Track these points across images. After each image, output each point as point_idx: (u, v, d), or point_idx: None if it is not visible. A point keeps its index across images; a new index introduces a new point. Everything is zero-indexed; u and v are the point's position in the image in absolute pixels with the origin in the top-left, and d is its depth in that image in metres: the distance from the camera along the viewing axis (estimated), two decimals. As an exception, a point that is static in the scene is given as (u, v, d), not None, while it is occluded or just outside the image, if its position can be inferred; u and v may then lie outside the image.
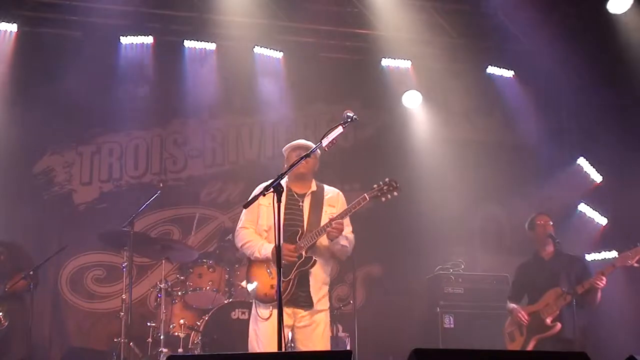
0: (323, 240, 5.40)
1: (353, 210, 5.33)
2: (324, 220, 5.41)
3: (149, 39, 8.74)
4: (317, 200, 5.48)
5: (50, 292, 8.38)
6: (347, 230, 5.49)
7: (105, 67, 8.60)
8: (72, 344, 8.41)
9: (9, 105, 8.28)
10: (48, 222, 8.48)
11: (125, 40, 8.70)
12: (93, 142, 8.87)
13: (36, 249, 7.68)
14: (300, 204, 5.46)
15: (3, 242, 7.22)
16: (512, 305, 7.16)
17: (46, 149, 8.70)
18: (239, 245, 5.65)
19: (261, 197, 5.35)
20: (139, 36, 8.71)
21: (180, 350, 7.08)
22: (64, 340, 8.44)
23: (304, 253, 5.34)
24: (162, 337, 7.05)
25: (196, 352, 7.04)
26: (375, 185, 5.33)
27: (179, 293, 7.40)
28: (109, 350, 7.55)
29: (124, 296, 7.01)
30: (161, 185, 7.41)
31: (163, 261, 7.31)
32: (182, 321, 7.26)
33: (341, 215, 5.32)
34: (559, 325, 6.76)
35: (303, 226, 5.41)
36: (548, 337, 6.81)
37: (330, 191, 5.62)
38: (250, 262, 5.58)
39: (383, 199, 5.30)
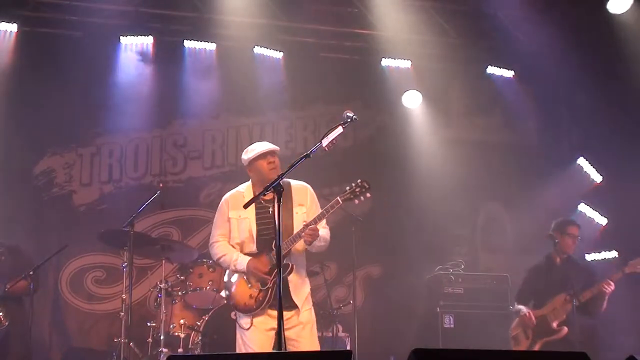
0: (297, 245, 5.37)
1: (327, 215, 5.30)
2: (297, 222, 5.39)
3: (149, 39, 8.74)
4: (286, 203, 5.38)
5: (50, 293, 8.37)
6: (322, 228, 5.41)
7: (105, 67, 8.59)
8: (72, 344, 8.41)
9: (8, 105, 8.26)
10: (48, 223, 8.47)
11: (125, 40, 8.69)
12: (93, 143, 8.85)
13: (36, 250, 7.67)
14: (270, 210, 5.38)
15: (3, 242, 7.21)
16: (520, 307, 7.17)
17: (46, 149, 8.68)
18: (214, 259, 5.67)
19: (230, 210, 5.45)
20: (139, 36, 8.71)
21: (180, 350, 7.08)
22: (64, 340, 8.44)
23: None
24: (162, 337, 7.04)
25: (196, 352, 7.04)
26: (347, 188, 5.31)
27: (179, 293, 7.39)
28: (109, 350, 7.54)
29: (124, 296, 7.00)
30: (161, 185, 7.39)
31: (163, 261, 7.31)
32: (182, 321, 7.25)
33: (314, 220, 5.29)
34: (565, 330, 6.82)
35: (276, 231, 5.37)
36: (555, 340, 6.84)
37: (297, 189, 5.53)
38: (228, 273, 5.56)
39: (356, 201, 5.29)
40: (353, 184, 5.31)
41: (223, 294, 5.66)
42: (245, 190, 5.56)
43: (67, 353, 8.33)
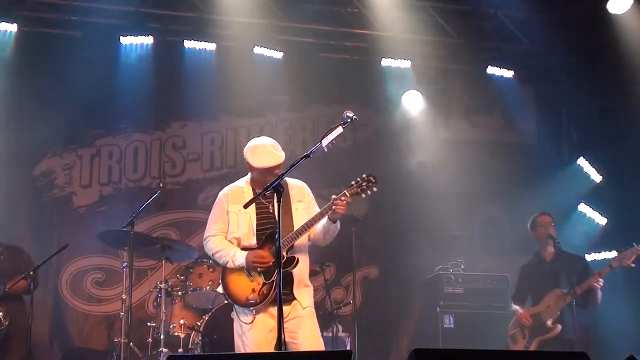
0: (301, 239, 5.31)
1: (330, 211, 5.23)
2: (296, 218, 5.34)
3: (149, 39, 8.72)
4: (285, 199, 5.27)
5: (50, 295, 8.36)
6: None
7: (105, 68, 8.58)
8: (72, 344, 8.41)
9: (8, 106, 8.26)
10: (48, 224, 8.45)
11: (125, 40, 8.68)
12: (93, 144, 8.83)
13: (36, 251, 7.65)
14: (270, 207, 5.34)
15: (3, 243, 7.22)
16: (515, 307, 7.25)
17: (46, 151, 8.67)
18: (209, 253, 5.53)
19: (229, 204, 5.38)
20: (139, 36, 8.69)
21: (180, 350, 7.08)
22: (64, 340, 8.43)
23: (285, 254, 5.21)
24: (162, 337, 7.05)
25: (196, 352, 7.04)
26: (353, 182, 5.24)
27: (179, 293, 7.39)
28: (109, 350, 7.55)
29: (124, 296, 7.01)
30: (161, 185, 7.39)
31: (163, 262, 7.31)
32: (182, 321, 7.25)
33: (321, 214, 5.22)
34: (559, 327, 6.83)
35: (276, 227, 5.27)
36: (549, 338, 6.85)
37: (294, 186, 5.49)
38: (225, 268, 5.44)
39: (363, 195, 5.23)
40: (359, 179, 5.23)
41: (220, 289, 5.48)
42: (244, 186, 5.50)
43: (67, 353, 8.33)
